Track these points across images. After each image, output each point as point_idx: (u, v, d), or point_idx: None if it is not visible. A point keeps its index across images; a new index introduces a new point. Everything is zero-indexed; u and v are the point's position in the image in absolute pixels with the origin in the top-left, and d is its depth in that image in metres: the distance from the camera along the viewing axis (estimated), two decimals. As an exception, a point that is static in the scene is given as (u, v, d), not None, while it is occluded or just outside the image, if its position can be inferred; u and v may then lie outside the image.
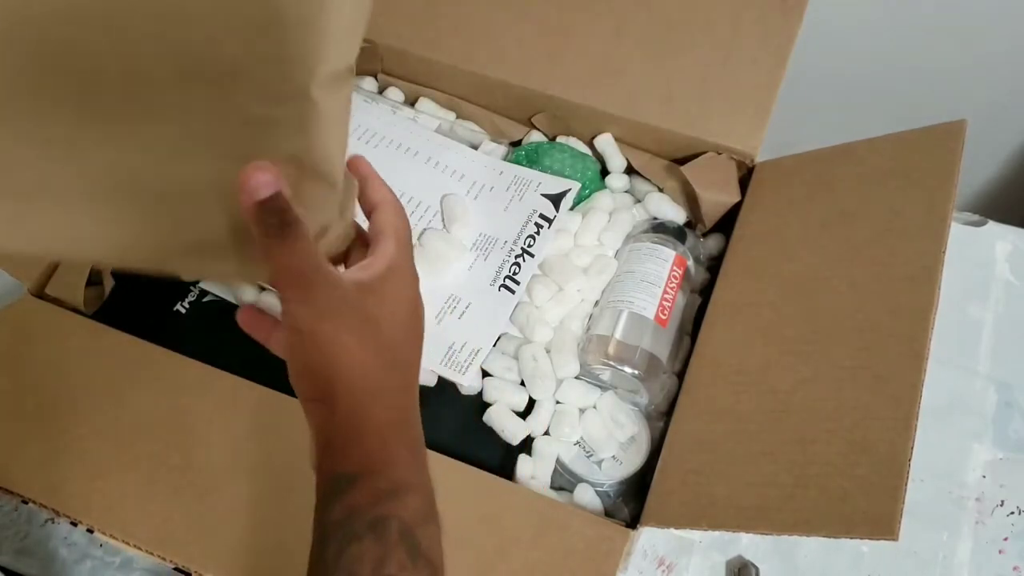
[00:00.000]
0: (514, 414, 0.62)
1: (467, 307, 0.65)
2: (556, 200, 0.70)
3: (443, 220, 0.69)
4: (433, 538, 0.38)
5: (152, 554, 0.52)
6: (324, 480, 0.39)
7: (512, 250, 0.67)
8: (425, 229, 0.69)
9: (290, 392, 0.58)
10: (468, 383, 0.62)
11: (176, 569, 0.52)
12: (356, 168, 0.43)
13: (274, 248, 0.34)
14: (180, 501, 0.54)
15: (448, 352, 0.63)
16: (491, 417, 0.62)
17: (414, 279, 0.42)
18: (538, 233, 0.68)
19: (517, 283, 0.66)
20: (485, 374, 0.64)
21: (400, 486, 0.38)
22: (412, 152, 0.73)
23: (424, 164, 0.72)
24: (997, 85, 1.03)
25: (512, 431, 0.61)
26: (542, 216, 0.69)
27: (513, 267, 0.67)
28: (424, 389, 0.63)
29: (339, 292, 0.36)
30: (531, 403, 0.63)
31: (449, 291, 0.66)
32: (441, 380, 0.63)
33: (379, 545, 0.36)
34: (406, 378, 0.41)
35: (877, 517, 0.42)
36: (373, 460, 0.38)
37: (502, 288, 0.66)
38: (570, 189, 0.70)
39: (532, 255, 0.67)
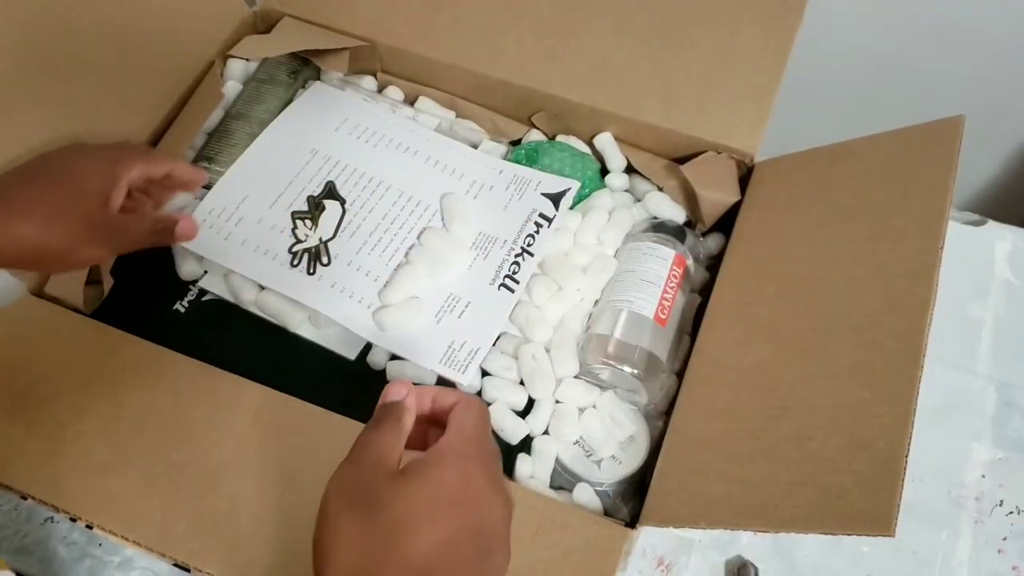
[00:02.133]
0: (513, 413, 0.62)
1: (467, 306, 0.65)
2: (556, 199, 0.70)
3: (443, 219, 0.69)
4: None
5: (152, 550, 0.52)
6: None
7: (512, 249, 0.67)
8: (425, 228, 0.69)
9: (287, 391, 0.59)
10: (467, 382, 0.62)
11: (176, 565, 0.52)
12: (421, 400, 0.42)
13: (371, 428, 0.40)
14: (180, 498, 0.54)
15: (447, 351, 0.63)
16: (491, 417, 0.62)
17: (463, 472, 0.38)
18: (538, 232, 0.68)
19: (516, 282, 0.66)
20: (484, 373, 0.64)
21: None
22: (412, 151, 0.73)
23: (424, 163, 0.72)
24: (997, 85, 1.03)
25: (511, 430, 0.61)
26: (542, 215, 0.69)
27: (512, 266, 0.67)
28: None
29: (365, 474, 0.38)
30: (530, 402, 0.63)
31: (449, 290, 0.66)
32: (440, 380, 0.63)
33: None
34: None
35: (874, 514, 0.42)
36: None
37: (501, 287, 0.66)
38: (570, 188, 0.70)
39: (532, 254, 0.67)
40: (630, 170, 0.75)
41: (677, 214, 0.72)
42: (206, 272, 0.68)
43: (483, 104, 0.78)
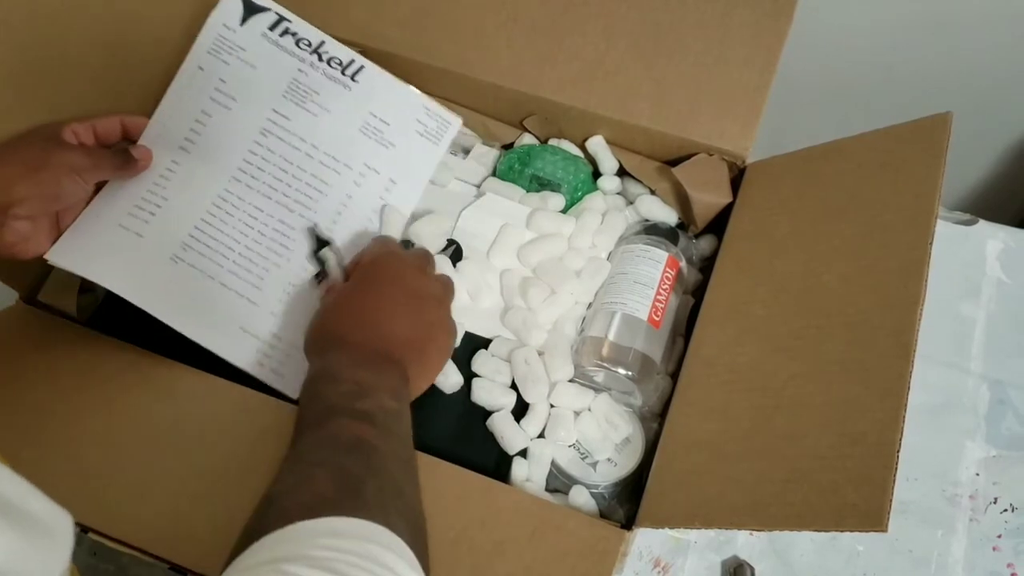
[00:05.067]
0: (514, 422, 0.62)
1: (390, 141, 0.65)
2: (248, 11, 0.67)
3: (333, 156, 0.66)
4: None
5: (147, 552, 0.52)
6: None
7: (302, 61, 0.65)
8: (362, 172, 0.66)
9: (280, 396, 0.59)
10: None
11: (171, 568, 0.52)
12: None
13: None
14: (174, 502, 0.54)
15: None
16: (494, 423, 0.62)
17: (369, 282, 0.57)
18: (321, 55, 0.66)
19: (351, 76, 0.65)
20: (474, 375, 0.64)
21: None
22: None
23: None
24: (987, 84, 1.03)
25: (511, 439, 0.61)
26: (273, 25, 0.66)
27: (331, 61, 0.65)
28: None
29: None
30: (524, 407, 0.63)
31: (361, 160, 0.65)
32: (434, 386, 0.63)
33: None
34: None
35: (867, 509, 0.42)
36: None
37: (348, 75, 0.65)
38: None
39: (342, 60, 0.66)
40: (622, 173, 0.75)
41: (669, 216, 0.72)
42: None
43: (475, 108, 0.78)
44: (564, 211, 0.72)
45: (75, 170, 0.56)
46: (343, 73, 0.64)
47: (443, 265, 0.67)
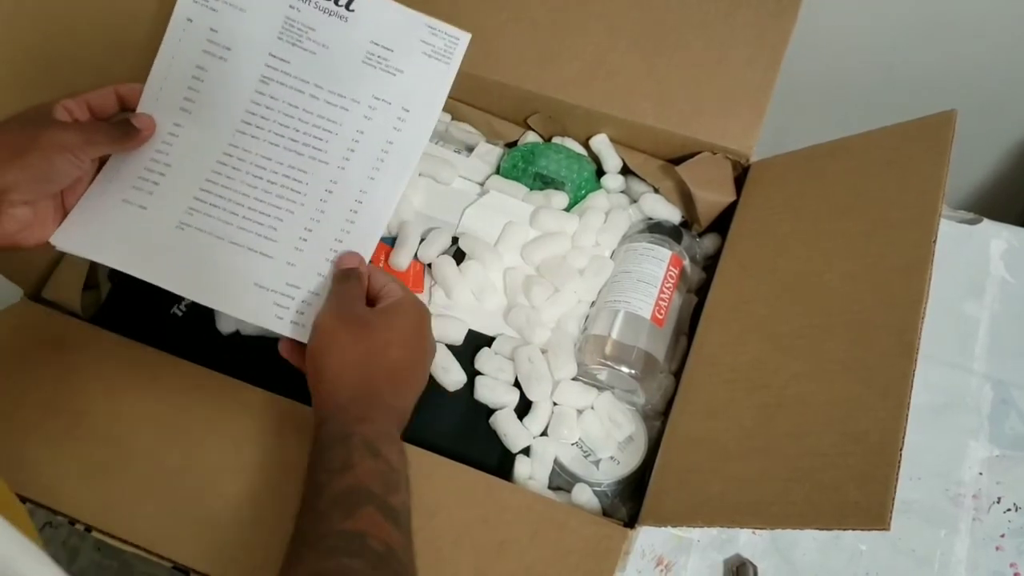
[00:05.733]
0: (520, 422, 0.62)
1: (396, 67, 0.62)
2: None
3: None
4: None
5: (151, 553, 0.52)
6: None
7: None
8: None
9: (283, 393, 0.59)
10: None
11: (175, 568, 0.52)
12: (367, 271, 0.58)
13: (342, 283, 0.57)
14: (178, 500, 0.54)
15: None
16: (497, 421, 0.62)
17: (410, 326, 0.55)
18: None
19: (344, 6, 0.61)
20: (477, 373, 0.64)
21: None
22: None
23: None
24: (992, 83, 1.03)
25: (514, 437, 0.61)
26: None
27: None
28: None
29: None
30: (528, 404, 0.63)
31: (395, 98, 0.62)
32: (437, 384, 0.63)
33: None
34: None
35: (868, 507, 0.42)
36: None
37: (342, 4, 0.61)
38: None
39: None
40: (626, 171, 0.75)
41: (673, 215, 0.72)
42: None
43: (479, 106, 0.78)
44: (568, 209, 0.72)
45: (66, 148, 0.53)
46: (336, 3, 0.62)
47: (446, 265, 0.67)
